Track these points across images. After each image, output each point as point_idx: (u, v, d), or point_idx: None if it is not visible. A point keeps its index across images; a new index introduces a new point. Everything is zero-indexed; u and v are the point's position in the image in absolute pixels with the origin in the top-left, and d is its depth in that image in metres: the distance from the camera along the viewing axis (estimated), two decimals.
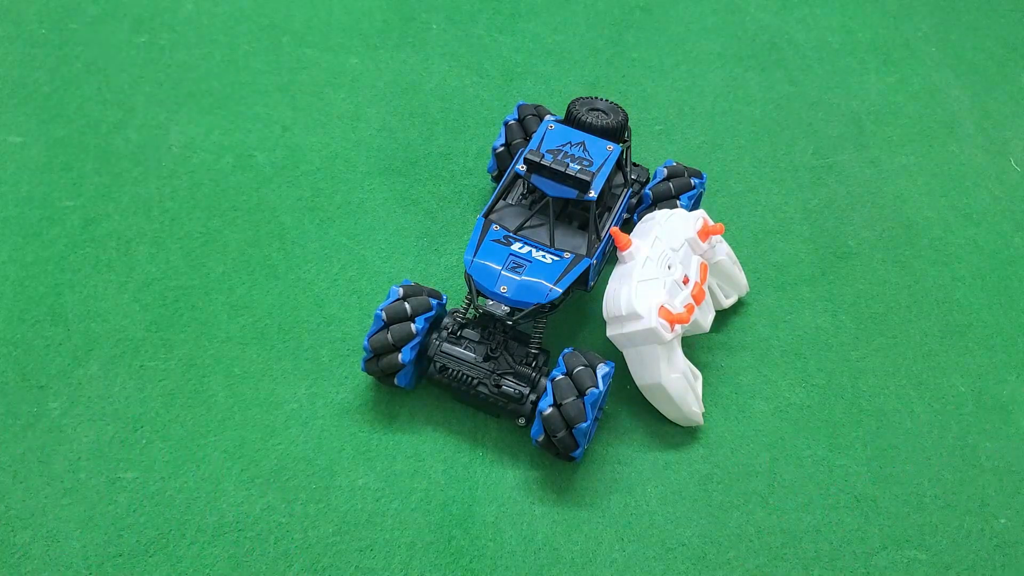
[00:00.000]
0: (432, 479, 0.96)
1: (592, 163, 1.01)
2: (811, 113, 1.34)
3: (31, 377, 1.00)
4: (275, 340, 1.05)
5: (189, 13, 1.36)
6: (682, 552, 0.93)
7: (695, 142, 1.29)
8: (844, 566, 0.94)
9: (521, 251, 0.98)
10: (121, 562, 0.89)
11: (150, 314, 1.05)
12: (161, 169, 1.18)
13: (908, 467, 1.01)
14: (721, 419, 1.03)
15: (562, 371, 0.93)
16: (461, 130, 1.27)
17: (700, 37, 1.43)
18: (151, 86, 1.27)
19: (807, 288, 1.15)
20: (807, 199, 1.24)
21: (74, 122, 1.22)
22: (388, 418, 1.00)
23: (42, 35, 1.31)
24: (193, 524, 0.92)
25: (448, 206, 1.18)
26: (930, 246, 1.20)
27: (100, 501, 0.92)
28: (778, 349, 1.09)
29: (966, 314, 1.14)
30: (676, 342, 0.97)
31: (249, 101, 1.27)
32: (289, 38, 1.35)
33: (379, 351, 0.95)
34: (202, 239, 1.12)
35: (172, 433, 0.97)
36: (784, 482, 0.99)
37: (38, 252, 1.09)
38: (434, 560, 0.91)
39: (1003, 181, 1.28)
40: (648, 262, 0.96)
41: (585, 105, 1.07)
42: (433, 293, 0.99)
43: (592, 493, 0.97)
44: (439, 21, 1.40)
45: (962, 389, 1.07)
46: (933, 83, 1.40)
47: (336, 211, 1.17)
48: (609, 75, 1.36)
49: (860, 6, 1.50)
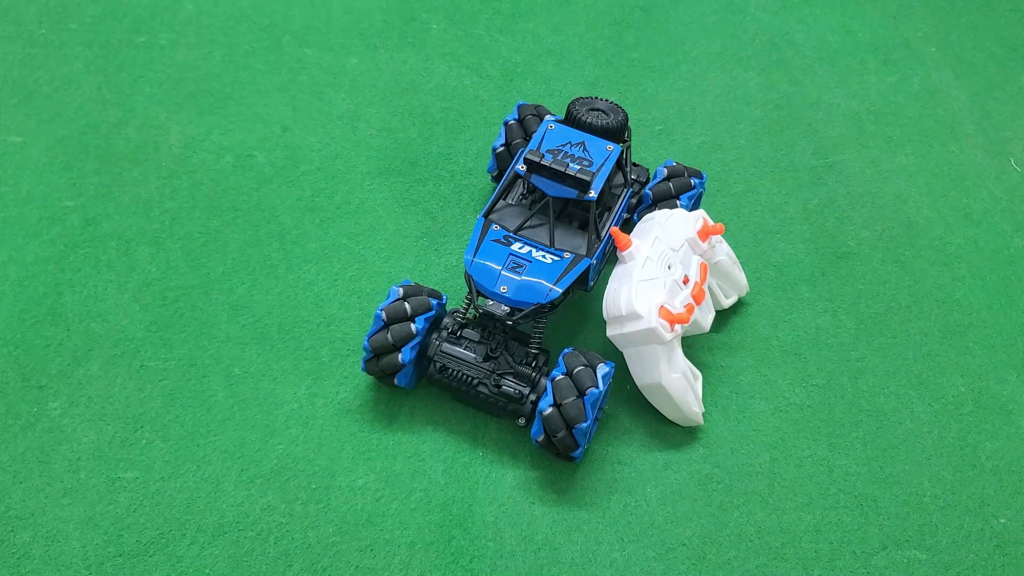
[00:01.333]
0: (432, 479, 0.96)
1: (592, 163, 1.01)
2: (811, 113, 1.34)
3: (31, 377, 1.00)
4: (275, 340, 1.05)
5: (189, 13, 1.36)
6: (682, 552, 0.93)
7: (695, 142, 1.29)
8: (844, 566, 0.94)
9: (521, 251, 0.98)
10: (121, 562, 0.89)
11: (150, 314, 1.05)
12: (161, 169, 1.18)
13: (908, 467, 1.01)
14: (721, 419, 1.03)
15: (562, 371, 0.93)
16: (461, 130, 1.27)
17: (700, 37, 1.43)
18: (151, 86, 1.27)
19: (807, 288, 1.15)
20: (807, 199, 1.24)
21: (74, 122, 1.22)
22: (388, 418, 1.00)
23: (42, 35, 1.31)
24: (193, 524, 0.92)
25: (448, 206, 1.18)
26: (930, 246, 1.20)
27: (100, 501, 0.92)
28: (778, 349, 1.09)
29: (966, 314, 1.14)
30: (676, 342, 0.97)
31: (249, 101, 1.27)
32: (289, 38, 1.35)
33: (379, 351, 0.95)
34: (202, 239, 1.12)
35: (172, 433, 0.97)
36: (784, 482, 0.99)
37: (38, 252, 1.09)
38: (434, 560, 0.91)
39: (1003, 181, 1.28)
40: (648, 262, 0.96)
41: (585, 105, 1.07)
42: (433, 293, 0.99)
43: (592, 493, 0.97)
44: (439, 21, 1.40)
45: (962, 389, 1.07)
46: (933, 83, 1.40)
47: (336, 211, 1.17)
48: (609, 75, 1.36)
49: (860, 6, 1.50)
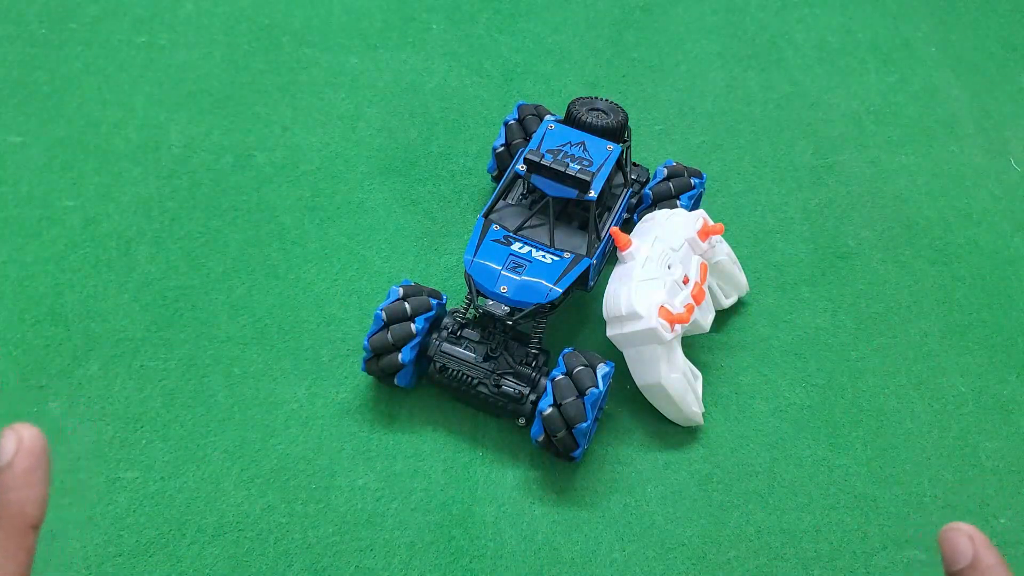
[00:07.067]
0: (432, 479, 0.96)
1: (592, 163, 1.01)
2: (811, 113, 1.34)
3: (31, 377, 1.00)
4: (275, 340, 1.05)
5: (189, 13, 1.36)
6: (682, 552, 0.93)
7: (695, 142, 1.29)
8: (844, 566, 0.94)
9: (521, 251, 0.98)
10: (121, 562, 0.89)
11: (150, 314, 1.05)
12: (161, 169, 1.18)
13: (908, 467, 1.01)
14: (721, 419, 1.03)
15: (562, 371, 0.93)
16: (461, 130, 1.27)
17: (700, 37, 1.43)
18: (151, 86, 1.27)
19: (807, 288, 1.15)
20: (807, 199, 1.24)
21: (74, 122, 1.22)
22: (388, 418, 1.00)
23: (42, 35, 1.31)
24: (193, 524, 0.92)
25: (448, 206, 1.18)
26: (930, 246, 1.20)
27: (100, 501, 0.92)
28: (778, 349, 1.09)
29: (966, 314, 1.14)
30: (676, 342, 0.97)
31: (249, 101, 1.27)
32: (289, 38, 1.35)
33: (379, 351, 0.95)
34: (202, 239, 1.12)
35: (172, 433, 0.97)
36: (784, 482, 0.99)
37: (38, 252, 1.09)
38: (434, 560, 0.91)
39: (1003, 181, 1.28)
40: (648, 262, 0.96)
41: (585, 105, 1.07)
42: (433, 293, 0.99)
43: (592, 493, 0.97)
44: (439, 21, 1.40)
45: (962, 389, 1.07)
46: (933, 83, 1.40)
47: (336, 211, 1.17)
48: (609, 75, 1.36)
49: (860, 6, 1.50)
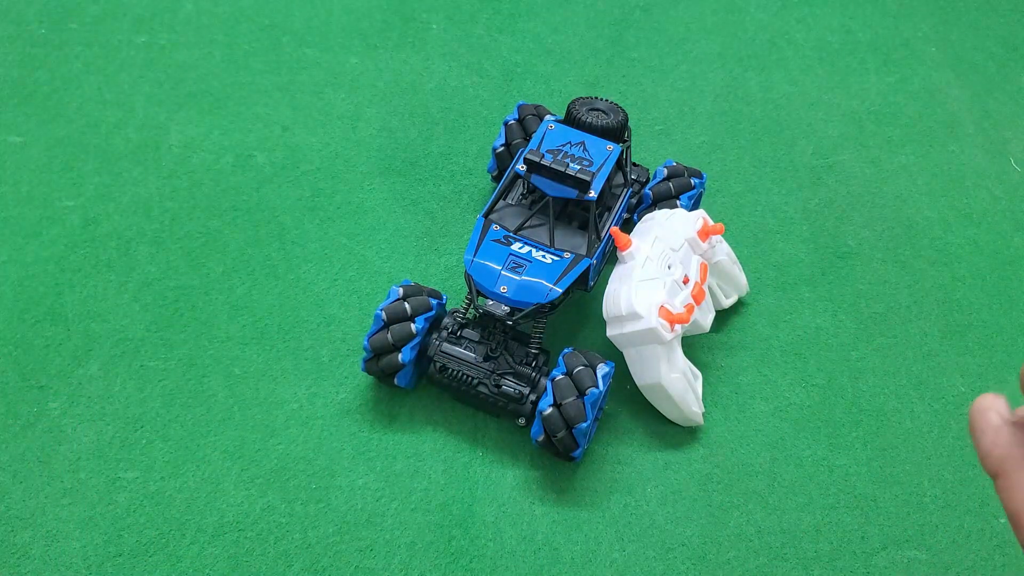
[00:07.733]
0: (432, 479, 0.96)
1: (592, 163, 1.01)
2: (811, 113, 1.34)
3: (31, 377, 1.00)
4: (275, 340, 1.05)
5: (189, 13, 1.36)
6: (682, 552, 0.93)
7: (695, 142, 1.29)
8: (844, 566, 0.94)
9: (521, 251, 0.98)
10: (121, 562, 0.89)
11: (150, 314, 1.05)
12: (161, 169, 1.18)
13: (908, 467, 1.01)
14: (721, 419, 1.03)
15: (562, 371, 0.93)
16: (461, 130, 1.27)
17: (700, 37, 1.43)
18: (151, 86, 1.27)
19: (807, 288, 1.15)
20: (807, 199, 1.24)
21: (74, 122, 1.22)
22: (388, 418, 1.00)
23: (42, 35, 1.31)
24: (193, 524, 0.92)
25: (448, 206, 1.18)
26: (930, 246, 1.20)
27: (100, 501, 0.92)
28: (778, 349, 1.09)
29: (966, 314, 1.14)
30: (676, 342, 0.97)
31: (249, 101, 1.27)
32: (289, 38, 1.35)
33: (379, 351, 0.95)
34: (202, 239, 1.12)
35: (172, 433, 0.97)
36: (784, 482, 0.99)
37: (38, 252, 1.09)
38: (434, 560, 0.91)
39: (1003, 181, 1.28)
40: (648, 262, 0.96)
41: (585, 105, 1.07)
42: (433, 293, 0.99)
43: (592, 493, 0.97)
44: (439, 21, 1.40)
45: (962, 389, 1.07)
46: (933, 83, 1.40)
47: (336, 211, 1.17)
48: (609, 75, 1.36)
49: (860, 6, 1.50)
